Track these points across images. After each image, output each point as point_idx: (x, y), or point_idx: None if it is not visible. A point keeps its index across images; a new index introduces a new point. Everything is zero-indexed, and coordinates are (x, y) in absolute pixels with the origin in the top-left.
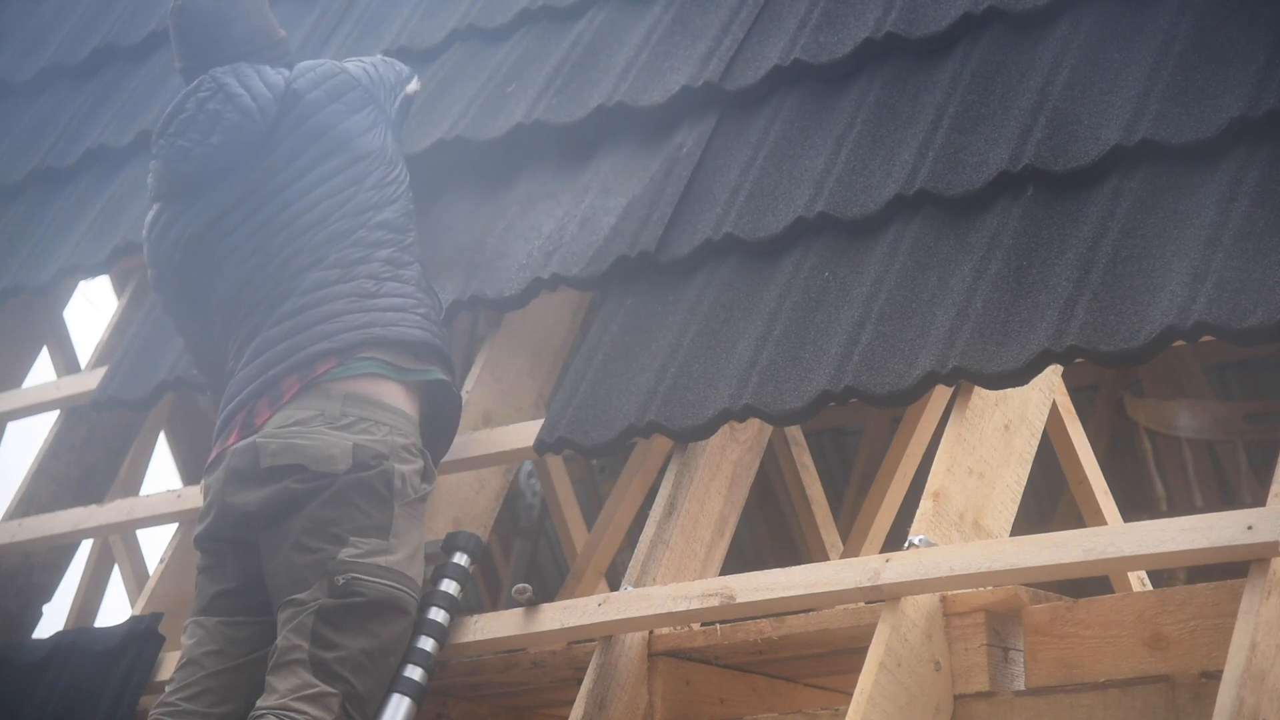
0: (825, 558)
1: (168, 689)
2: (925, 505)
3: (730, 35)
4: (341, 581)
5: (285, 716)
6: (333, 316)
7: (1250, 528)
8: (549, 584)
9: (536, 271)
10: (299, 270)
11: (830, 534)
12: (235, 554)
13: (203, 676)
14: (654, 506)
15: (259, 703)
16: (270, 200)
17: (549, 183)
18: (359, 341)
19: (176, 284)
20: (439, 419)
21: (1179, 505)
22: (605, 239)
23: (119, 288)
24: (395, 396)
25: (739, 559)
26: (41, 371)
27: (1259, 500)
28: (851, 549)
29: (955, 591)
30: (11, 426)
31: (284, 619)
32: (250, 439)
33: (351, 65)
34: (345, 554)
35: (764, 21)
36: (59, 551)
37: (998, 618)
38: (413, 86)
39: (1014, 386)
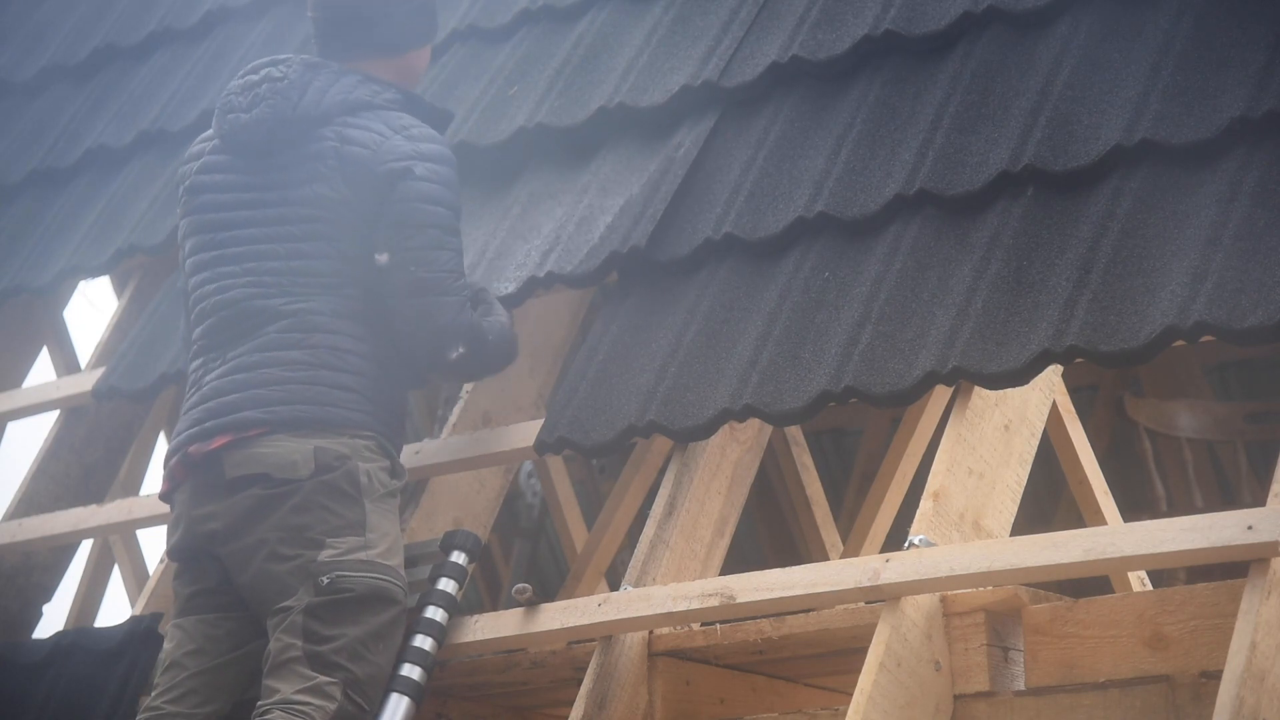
0: (825, 558)
1: (152, 694)
2: (925, 505)
3: (730, 34)
4: (326, 581)
5: (291, 709)
6: (281, 383)
7: (1250, 528)
8: (549, 584)
9: (533, 270)
10: (268, 308)
11: (830, 534)
12: (207, 561)
13: (186, 678)
14: (654, 506)
15: (261, 703)
16: (260, 216)
17: (551, 183)
18: (298, 418)
19: (184, 227)
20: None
21: (1179, 505)
22: (600, 237)
23: (119, 288)
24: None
25: (739, 559)
26: (41, 371)
27: (1259, 500)
28: (851, 549)
29: (955, 591)
30: (11, 426)
31: (273, 625)
32: (214, 449)
33: (431, 196)
34: (325, 555)
35: (763, 20)
36: (59, 551)
37: (998, 618)
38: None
39: (1014, 386)
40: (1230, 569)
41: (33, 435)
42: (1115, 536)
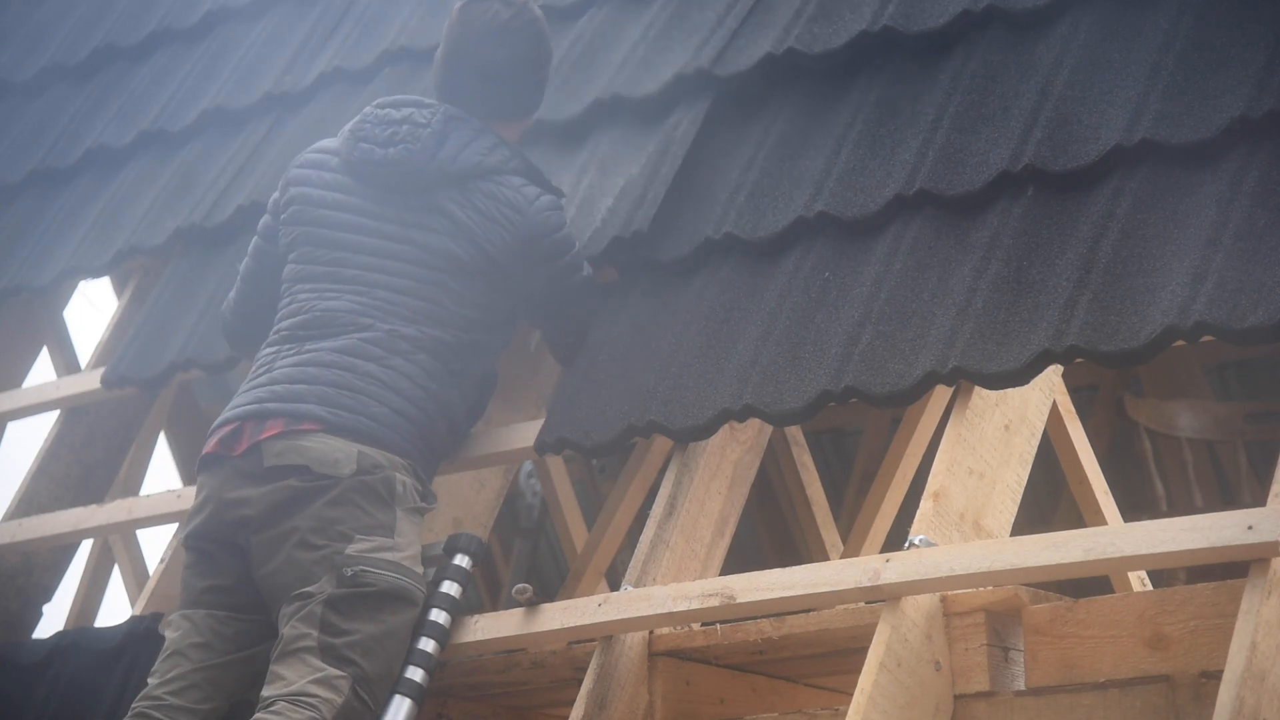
0: (825, 558)
1: (151, 682)
2: (925, 505)
3: (724, 26)
4: (350, 573)
5: (299, 700)
6: (352, 390)
7: (1250, 528)
8: (549, 584)
9: None
10: (359, 323)
11: (830, 534)
12: (227, 554)
13: (189, 670)
14: (654, 506)
15: (265, 692)
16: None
17: (549, 163)
18: (355, 428)
19: (293, 233)
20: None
21: (1179, 505)
22: (602, 221)
23: (119, 288)
24: None
25: (739, 559)
26: (41, 371)
27: (1259, 500)
28: (851, 549)
29: (955, 591)
30: (11, 426)
31: (290, 612)
32: (255, 441)
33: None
34: (352, 549)
35: (758, 13)
36: (59, 551)
37: (998, 618)
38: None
39: (1014, 386)
40: (1230, 569)
41: (33, 435)
42: (1115, 536)
